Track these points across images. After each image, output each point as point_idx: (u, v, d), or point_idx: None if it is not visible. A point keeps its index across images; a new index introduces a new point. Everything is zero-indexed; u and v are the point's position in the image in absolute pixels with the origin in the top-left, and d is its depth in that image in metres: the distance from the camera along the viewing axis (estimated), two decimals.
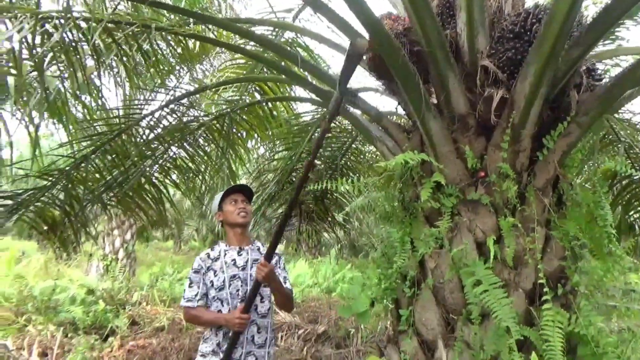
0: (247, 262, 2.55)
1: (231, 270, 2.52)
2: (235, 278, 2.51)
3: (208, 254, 2.59)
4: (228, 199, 2.60)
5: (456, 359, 2.06)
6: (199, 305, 2.48)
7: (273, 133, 5.26)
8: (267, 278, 2.34)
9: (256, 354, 2.47)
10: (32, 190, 4.12)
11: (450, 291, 2.20)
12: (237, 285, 2.50)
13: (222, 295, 2.48)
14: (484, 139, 2.35)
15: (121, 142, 4.30)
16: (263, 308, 2.53)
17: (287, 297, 2.56)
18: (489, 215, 2.22)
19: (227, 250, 2.59)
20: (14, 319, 5.60)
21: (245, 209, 2.58)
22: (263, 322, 2.52)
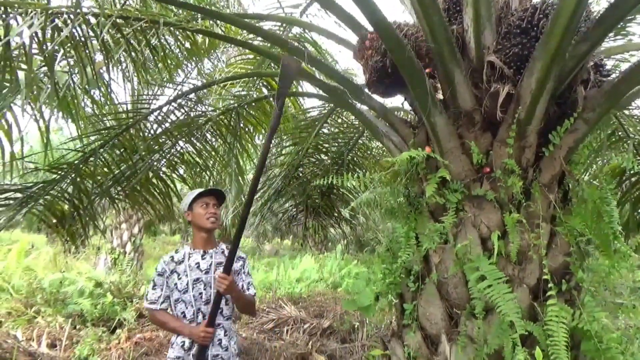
0: (210, 266, 2.55)
1: (194, 274, 2.52)
2: (198, 281, 2.51)
3: (172, 257, 2.59)
4: (200, 200, 2.56)
5: (459, 354, 2.07)
6: (161, 308, 2.51)
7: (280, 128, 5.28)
8: (228, 290, 2.36)
9: (224, 356, 2.50)
10: (41, 184, 4.16)
11: (454, 286, 2.22)
12: (199, 288, 2.51)
13: (186, 298, 2.49)
14: (490, 134, 2.35)
15: (129, 137, 4.34)
16: (228, 311, 2.58)
17: (249, 304, 2.59)
18: (494, 211, 2.23)
19: (192, 254, 2.58)
20: (23, 311, 5.67)
21: (215, 214, 2.59)
22: (228, 324, 2.57)
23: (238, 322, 6.78)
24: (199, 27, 3.37)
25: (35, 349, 4.85)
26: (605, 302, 2.25)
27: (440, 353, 2.20)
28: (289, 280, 9.60)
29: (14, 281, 6.39)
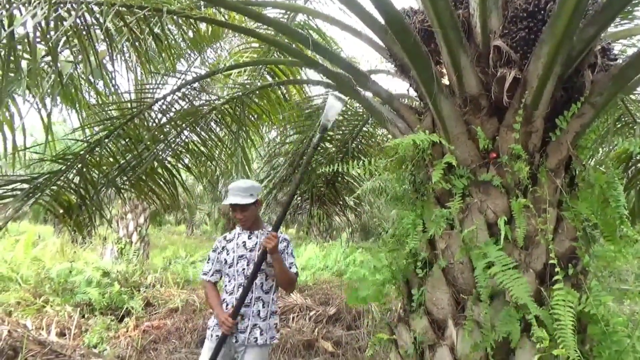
0: (255, 245, 2.83)
1: (240, 251, 2.84)
2: (242, 258, 2.82)
3: (225, 237, 2.97)
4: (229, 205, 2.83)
5: (467, 338, 2.09)
6: (210, 280, 2.91)
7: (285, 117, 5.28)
8: (274, 249, 2.61)
9: (261, 326, 2.75)
10: (48, 174, 4.18)
11: (460, 271, 2.23)
12: (243, 264, 2.80)
13: (230, 272, 2.83)
14: (496, 120, 2.34)
15: (134, 127, 4.34)
16: (267, 285, 2.81)
17: (290, 279, 2.80)
18: (500, 196, 2.23)
19: (241, 234, 2.91)
20: (32, 300, 5.74)
21: (240, 219, 2.84)
22: (267, 297, 2.79)
23: None
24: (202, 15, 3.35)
25: (45, 338, 4.91)
26: (610, 287, 2.25)
27: (447, 337, 2.21)
28: None
29: (22, 271, 6.47)
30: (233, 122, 4.80)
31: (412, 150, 2.43)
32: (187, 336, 5.49)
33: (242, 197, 2.77)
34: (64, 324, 5.40)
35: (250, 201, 2.77)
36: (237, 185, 2.82)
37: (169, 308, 6.38)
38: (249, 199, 2.78)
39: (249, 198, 2.78)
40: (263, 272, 2.76)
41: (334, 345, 5.73)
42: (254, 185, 2.87)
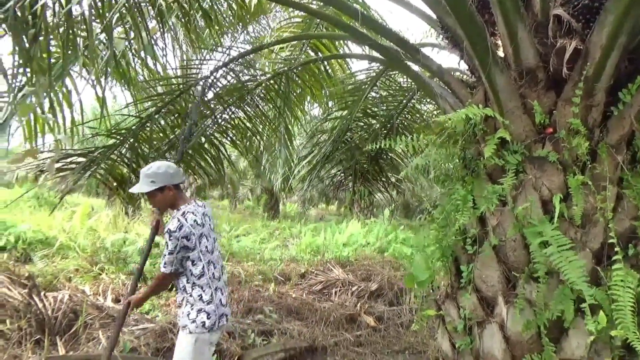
0: None
1: None
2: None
3: None
4: None
5: (517, 316, 2.06)
6: None
7: (328, 93, 5.25)
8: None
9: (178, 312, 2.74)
10: (102, 149, 4.36)
11: (512, 249, 2.18)
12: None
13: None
14: (554, 93, 2.24)
15: (182, 103, 4.45)
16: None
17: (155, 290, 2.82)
18: (557, 173, 2.15)
19: None
20: (89, 268, 6.06)
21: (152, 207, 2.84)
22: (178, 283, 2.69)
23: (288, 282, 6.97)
24: None
25: (101, 303, 5.19)
26: None
27: (496, 315, 2.19)
28: (336, 245, 9.72)
29: (79, 241, 6.82)
30: (277, 97, 4.83)
31: (462, 125, 2.38)
32: (232, 306, 5.67)
33: (142, 184, 2.62)
34: (118, 290, 5.68)
35: (147, 189, 2.60)
36: (143, 170, 2.68)
37: None
38: (148, 186, 2.60)
39: (149, 185, 2.60)
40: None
41: (376, 320, 5.78)
42: (157, 171, 2.64)
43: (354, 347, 5.01)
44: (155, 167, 2.64)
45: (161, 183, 2.60)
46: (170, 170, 2.68)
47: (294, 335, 4.98)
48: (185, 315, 2.62)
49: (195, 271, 2.60)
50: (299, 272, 7.37)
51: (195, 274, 2.60)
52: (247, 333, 4.77)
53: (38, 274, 5.29)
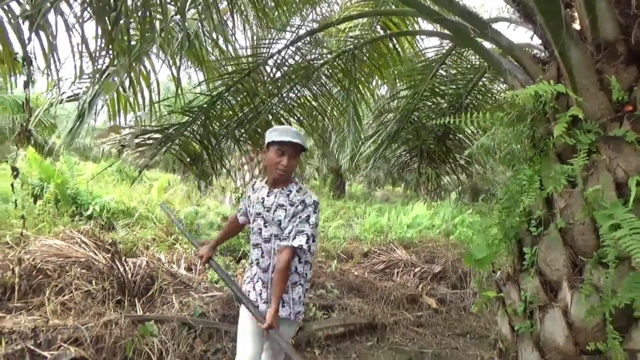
0: (272, 205, 2.45)
1: (258, 208, 2.51)
2: (259, 216, 2.50)
3: (254, 183, 2.69)
4: (278, 146, 2.38)
5: (583, 302, 1.98)
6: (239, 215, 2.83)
7: (396, 71, 5.18)
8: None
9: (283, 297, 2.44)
10: (177, 125, 4.61)
11: (580, 232, 2.08)
12: (260, 224, 2.49)
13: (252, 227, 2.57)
14: (635, 68, 2.08)
15: (251, 81, 4.58)
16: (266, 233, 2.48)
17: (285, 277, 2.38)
18: (634, 153, 2.01)
19: (263, 187, 2.57)
20: (165, 238, 6.48)
21: (286, 167, 2.40)
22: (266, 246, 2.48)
23: (350, 261, 7.06)
24: None
25: (175, 270, 5.55)
26: None
27: (560, 299, 2.12)
28: (400, 226, 9.67)
29: (156, 212, 7.30)
30: (344, 76, 4.84)
31: (532, 102, 2.28)
32: None
33: (301, 141, 2.40)
34: (190, 260, 6.04)
35: (305, 146, 2.44)
36: (290, 128, 2.46)
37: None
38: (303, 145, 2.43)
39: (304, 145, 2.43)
40: (277, 238, 2.43)
41: (437, 302, 5.74)
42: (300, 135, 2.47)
43: (414, 327, 5.02)
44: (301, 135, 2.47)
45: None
46: None
47: (354, 311, 5.07)
48: (297, 301, 2.48)
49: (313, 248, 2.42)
50: (361, 251, 7.43)
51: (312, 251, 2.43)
52: (309, 306, 4.92)
53: (120, 241, 5.75)
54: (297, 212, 2.38)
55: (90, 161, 19.35)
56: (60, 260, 4.48)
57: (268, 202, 2.47)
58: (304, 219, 2.37)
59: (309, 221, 2.37)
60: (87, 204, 6.88)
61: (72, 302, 4.01)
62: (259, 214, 2.50)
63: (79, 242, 4.91)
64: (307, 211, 2.38)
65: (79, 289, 4.16)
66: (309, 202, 2.40)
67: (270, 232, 2.44)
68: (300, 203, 2.40)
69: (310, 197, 2.42)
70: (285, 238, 2.36)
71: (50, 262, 4.40)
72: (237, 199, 10.63)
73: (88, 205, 6.86)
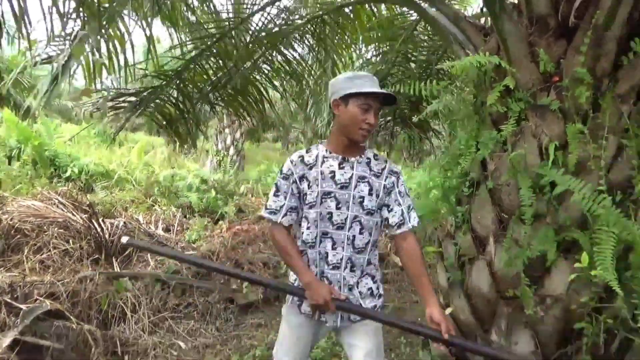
0: (350, 179, 1.89)
1: (327, 185, 1.89)
2: (329, 196, 1.89)
3: (302, 157, 1.96)
4: (362, 99, 1.81)
5: (503, 254, 2.20)
6: (282, 222, 1.93)
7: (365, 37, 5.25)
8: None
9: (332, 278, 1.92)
10: (151, 89, 4.68)
11: (507, 193, 2.29)
12: (330, 206, 1.88)
13: (311, 215, 1.91)
14: (565, 41, 2.25)
15: (224, 45, 4.64)
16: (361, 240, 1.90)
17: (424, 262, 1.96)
18: (557, 121, 2.20)
19: (327, 158, 1.93)
20: (143, 200, 6.65)
21: (372, 126, 1.85)
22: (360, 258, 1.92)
23: None
24: None
25: (153, 231, 5.74)
26: None
27: (487, 253, 2.35)
28: None
29: (135, 174, 7.42)
30: (317, 42, 4.93)
31: (473, 72, 2.44)
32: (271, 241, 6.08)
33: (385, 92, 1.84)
34: (168, 221, 6.24)
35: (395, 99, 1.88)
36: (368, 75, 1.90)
37: (258, 215, 7.01)
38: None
39: None
40: (357, 221, 1.89)
41: None
42: None
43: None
44: None
45: None
46: None
47: None
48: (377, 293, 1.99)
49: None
50: None
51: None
52: (280, 264, 5.16)
53: (98, 203, 5.90)
54: (391, 186, 1.91)
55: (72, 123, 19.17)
56: (38, 221, 4.62)
57: (344, 176, 1.89)
58: (405, 192, 1.95)
59: (409, 193, 1.98)
60: (66, 166, 6.98)
61: (50, 260, 4.19)
62: (329, 193, 1.89)
63: (56, 203, 5.04)
64: (402, 181, 1.96)
65: (57, 248, 4.32)
66: (398, 169, 1.99)
67: (346, 216, 1.88)
68: (392, 174, 1.94)
69: (394, 164, 1.99)
70: (400, 223, 1.89)
71: (29, 222, 4.54)
72: (219, 162, 10.75)
73: (66, 168, 6.96)
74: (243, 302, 4.39)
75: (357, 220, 1.89)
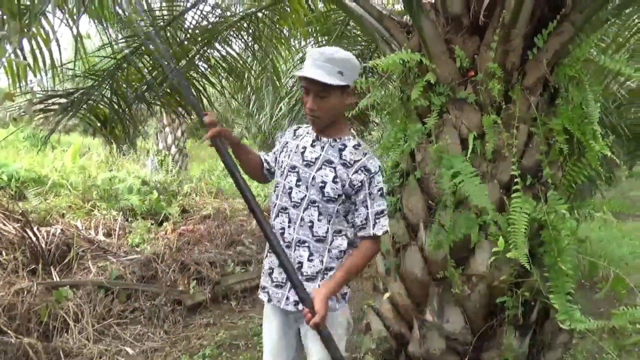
0: (316, 160, 1.81)
1: (295, 160, 1.85)
2: (293, 171, 1.85)
3: (297, 129, 1.99)
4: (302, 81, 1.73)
5: (432, 239, 2.36)
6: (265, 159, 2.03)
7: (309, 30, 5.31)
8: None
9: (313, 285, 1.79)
10: (82, 89, 4.52)
11: (433, 181, 2.45)
12: (291, 180, 1.84)
13: (278, 186, 1.90)
14: (478, 38, 2.42)
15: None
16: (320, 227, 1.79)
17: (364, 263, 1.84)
18: (474, 112, 2.38)
19: (308, 134, 1.90)
20: (81, 205, 6.41)
21: (311, 110, 1.73)
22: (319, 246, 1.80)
23: None
24: None
25: (93, 237, 5.57)
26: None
27: (418, 238, 2.50)
28: None
29: (71, 179, 7.14)
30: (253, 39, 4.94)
31: (399, 68, 2.57)
32: (217, 239, 6.05)
33: (325, 72, 1.66)
34: (110, 226, 6.06)
35: (335, 82, 1.65)
36: (323, 51, 1.70)
37: (203, 215, 6.96)
38: (334, 77, 1.66)
39: (336, 77, 1.66)
40: (315, 206, 1.79)
41: None
42: (349, 60, 1.72)
43: None
44: (346, 55, 1.73)
45: (349, 81, 1.73)
46: (360, 67, 1.83)
47: None
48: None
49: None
50: None
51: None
52: (227, 262, 5.18)
53: (32, 211, 5.64)
54: (359, 184, 1.75)
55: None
56: None
57: (311, 154, 1.82)
58: (377, 193, 1.77)
59: (384, 195, 1.81)
60: None
61: None
62: (294, 167, 1.84)
63: None
64: (376, 181, 1.76)
65: None
66: (374, 168, 1.76)
67: (304, 195, 1.80)
68: (363, 170, 1.75)
69: (373, 161, 1.78)
70: (361, 226, 1.78)
71: None
72: (160, 162, 10.51)
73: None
74: (190, 303, 4.38)
75: (316, 205, 1.78)
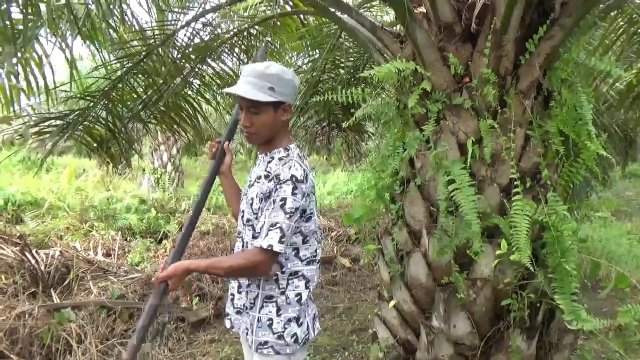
0: (254, 178, 1.81)
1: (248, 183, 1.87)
2: (244, 194, 1.86)
3: None
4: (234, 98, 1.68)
5: (435, 244, 2.38)
6: None
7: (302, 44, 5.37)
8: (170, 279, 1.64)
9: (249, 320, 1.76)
10: (78, 111, 4.54)
11: (433, 188, 2.47)
12: (243, 204, 1.84)
13: None
14: (470, 45, 2.46)
15: (151, 63, 4.60)
16: None
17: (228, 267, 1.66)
18: (471, 118, 2.41)
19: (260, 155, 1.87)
20: (79, 226, 6.38)
21: (247, 128, 1.70)
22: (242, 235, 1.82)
23: None
24: None
25: (93, 257, 5.54)
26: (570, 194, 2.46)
27: (421, 245, 2.52)
28: (320, 194, 10.07)
29: (68, 200, 7.12)
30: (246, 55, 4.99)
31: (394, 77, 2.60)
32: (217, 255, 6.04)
33: (254, 88, 1.62)
34: (108, 245, 6.04)
35: (264, 98, 1.62)
36: (255, 66, 1.67)
37: (201, 231, 6.93)
38: (263, 93, 1.62)
39: (264, 93, 1.62)
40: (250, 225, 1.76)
41: (351, 262, 6.20)
42: (282, 76, 1.66)
43: (329, 286, 5.44)
44: (279, 70, 1.67)
45: (282, 97, 1.67)
46: (296, 82, 1.74)
47: None
48: (266, 326, 1.71)
49: (307, 253, 1.76)
50: None
51: (304, 257, 1.75)
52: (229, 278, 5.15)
53: (30, 234, 5.61)
54: (267, 191, 1.67)
55: None
56: None
57: (252, 174, 1.84)
58: (278, 204, 1.61)
59: (285, 207, 1.60)
60: None
61: None
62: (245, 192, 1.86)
63: None
64: (281, 191, 1.62)
65: None
66: (284, 176, 1.62)
67: (242, 216, 1.81)
68: (273, 179, 1.66)
69: (287, 170, 1.64)
70: (255, 235, 1.69)
71: None
72: (157, 180, 10.49)
73: None
74: (194, 319, 4.36)
75: (250, 224, 1.74)
